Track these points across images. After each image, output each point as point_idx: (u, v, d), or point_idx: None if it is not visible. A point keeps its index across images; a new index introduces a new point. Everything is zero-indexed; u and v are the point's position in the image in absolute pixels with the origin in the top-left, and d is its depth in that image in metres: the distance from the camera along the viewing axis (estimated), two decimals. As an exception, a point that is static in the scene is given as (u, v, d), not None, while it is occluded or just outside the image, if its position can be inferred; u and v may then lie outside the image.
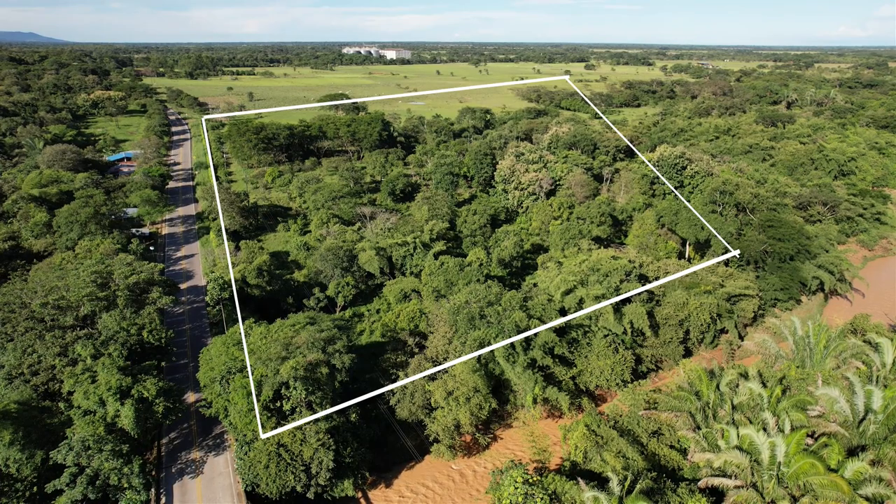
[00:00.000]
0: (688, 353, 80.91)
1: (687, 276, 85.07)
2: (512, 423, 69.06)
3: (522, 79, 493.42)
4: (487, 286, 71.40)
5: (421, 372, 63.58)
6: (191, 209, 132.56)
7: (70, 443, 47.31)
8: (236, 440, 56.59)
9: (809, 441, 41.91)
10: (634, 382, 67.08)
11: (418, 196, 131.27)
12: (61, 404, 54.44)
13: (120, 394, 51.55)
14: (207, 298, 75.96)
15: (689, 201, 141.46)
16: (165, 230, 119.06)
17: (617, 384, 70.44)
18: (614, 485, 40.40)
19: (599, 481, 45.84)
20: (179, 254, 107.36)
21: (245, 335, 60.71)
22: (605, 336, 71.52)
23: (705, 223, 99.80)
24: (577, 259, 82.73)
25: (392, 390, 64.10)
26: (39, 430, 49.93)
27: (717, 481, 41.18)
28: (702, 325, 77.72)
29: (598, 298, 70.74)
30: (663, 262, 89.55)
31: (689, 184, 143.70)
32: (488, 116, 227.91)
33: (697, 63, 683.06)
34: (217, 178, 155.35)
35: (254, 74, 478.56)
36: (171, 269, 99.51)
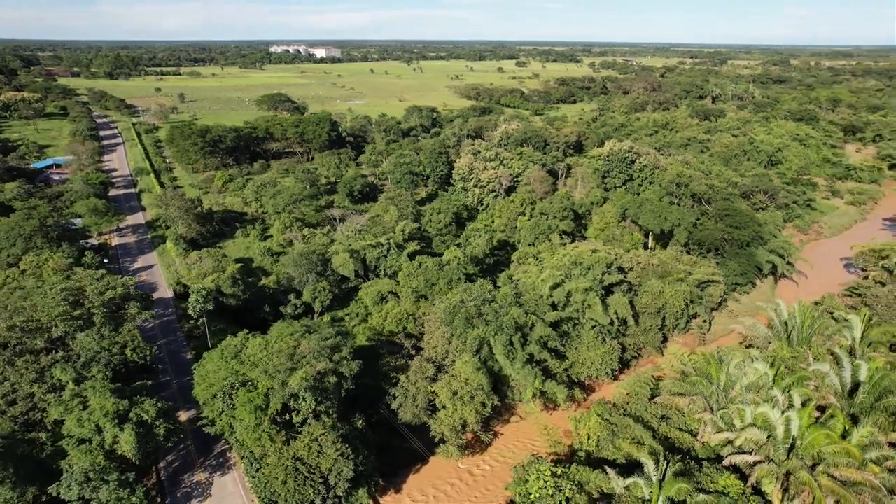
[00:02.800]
0: (664, 340, 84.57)
1: (657, 265, 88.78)
2: (509, 418, 69.91)
3: (457, 77, 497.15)
4: (481, 284, 71.71)
5: (423, 374, 63.08)
6: (139, 217, 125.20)
7: (72, 475, 43.75)
8: (242, 458, 54.30)
9: (816, 414, 44.95)
10: (641, 369, 69.15)
11: (382, 196, 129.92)
12: (42, 434, 50.37)
13: (118, 418, 48.23)
14: (191, 311, 71.94)
15: (639, 193, 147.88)
16: (115, 241, 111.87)
17: (606, 373, 72.77)
18: (650, 470, 41.74)
19: (622, 468, 47.21)
20: (136, 265, 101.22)
21: (241, 347, 58.15)
22: (593, 327, 73.56)
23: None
24: (558, 253, 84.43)
25: (393, 394, 63.31)
26: (28, 464, 45.91)
27: (738, 458, 43.44)
28: (677, 311, 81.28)
29: (586, 291, 72.60)
30: (633, 252, 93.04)
31: (639, 177, 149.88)
32: (434, 114, 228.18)
33: (622, 60, 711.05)
34: (161, 183, 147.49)
35: (180, 75, 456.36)
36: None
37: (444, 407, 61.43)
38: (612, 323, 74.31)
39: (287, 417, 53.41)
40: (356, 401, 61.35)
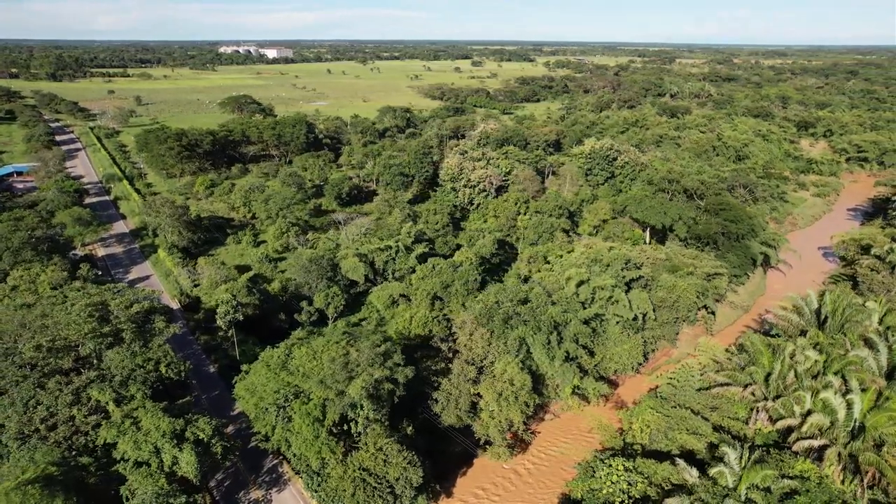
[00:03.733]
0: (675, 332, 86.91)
1: (664, 259, 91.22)
2: (543, 416, 70.47)
3: (417, 76, 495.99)
4: (515, 284, 71.85)
5: (465, 376, 62.76)
6: (121, 226, 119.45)
7: (142, 501, 41.46)
8: (298, 472, 52.68)
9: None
10: (690, 362, 70.56)
11: (377, 198, 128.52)
12: (84, 458, 47.57)
13: (175, 438, 46.02)
14: (220, 322, 69.11)
15: (621, 191, 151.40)
16: (100, 252, 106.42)
17: (632, 367, 74.41)
18: (732, 458, 42.85)
19: (690, 460, 48.33)
20: (130, 276, 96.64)
21: (286, 357, 56.39)
22: (617, 323, 74.97)
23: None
24: (575, 251, 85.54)
25: (435, 397, 62.76)
26: (87, 492, 43.25)
27: (805, 444, 45.18)
28: (689, 304, 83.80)
29: (612, 288, 73.88)
30: (639, 248, 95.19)
31: (620, 174, 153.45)
32: (408, 115, 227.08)
33: (576, 59, 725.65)
34: (137, 190, 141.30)
35: (129, 76, 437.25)
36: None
37: (490, 408, 61.45)
38: (635, 318, 75.84)
39: (344, 428, 52.18)
40: (409, 406, 60.48)
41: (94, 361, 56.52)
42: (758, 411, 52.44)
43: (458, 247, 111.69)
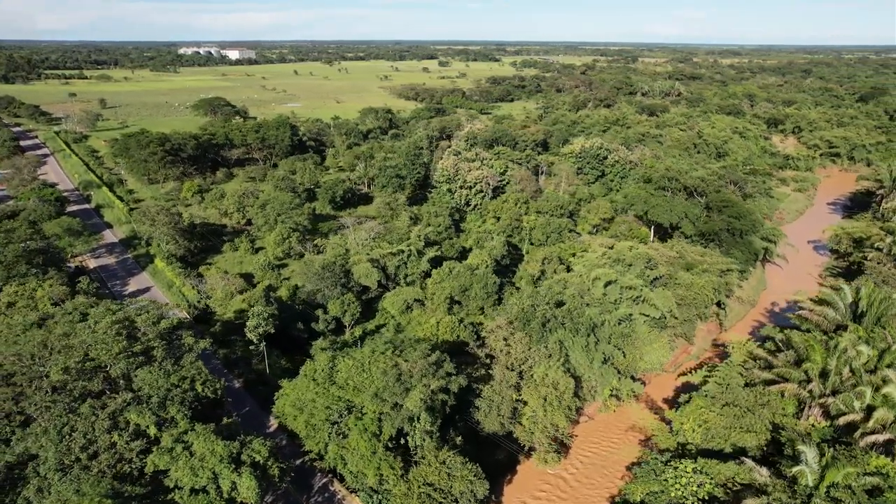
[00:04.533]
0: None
1: (676, 257, 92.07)
2: (578, 419, 69.88)
3: (386, 77, 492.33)
4: (549, 286, 70.98)
5: (507, 382, 61.53)
6: (108, 236, 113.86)
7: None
8: (352, 490, 50.52)
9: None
10: (732, 359, 70.56)
11: (377, 201, 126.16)
12: (135, 488, 44.52)
13: (232, 462, 43.45)
14: (250, 335, 65.93)
15: (612, 189, 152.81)
16: (92, 263, 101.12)
17: (660, 366, 74.65)
18: (810, 457, 42.83)
19: (730, 457, 48.36)
20: (129, 288, 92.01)
21: (331, 370, 54.09)
22: (644, 322, 75.06)
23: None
24: (595, 251, 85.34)
25: (477, 405, 61.37)
26: (143, 524, 40.41)
27: (871, 439, 45.63)
28: (707, 301, 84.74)
29: (641, 288, 73.86)
30: (650, 246, 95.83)
31: (610, 172, 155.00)
32: (390, 116, 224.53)
33: (542, 59, 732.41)
34: (120, 198, 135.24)
35: (86, 78, 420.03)
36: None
37: (534, 414, 60.46)
38: (663, 316, 76.07)
39: (400, 442, 50.35)
40: (455, 415, 58.94)
41: (122, 382, 53.14)
42: (810, 407, 52.93)
43: (465, 249, 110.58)
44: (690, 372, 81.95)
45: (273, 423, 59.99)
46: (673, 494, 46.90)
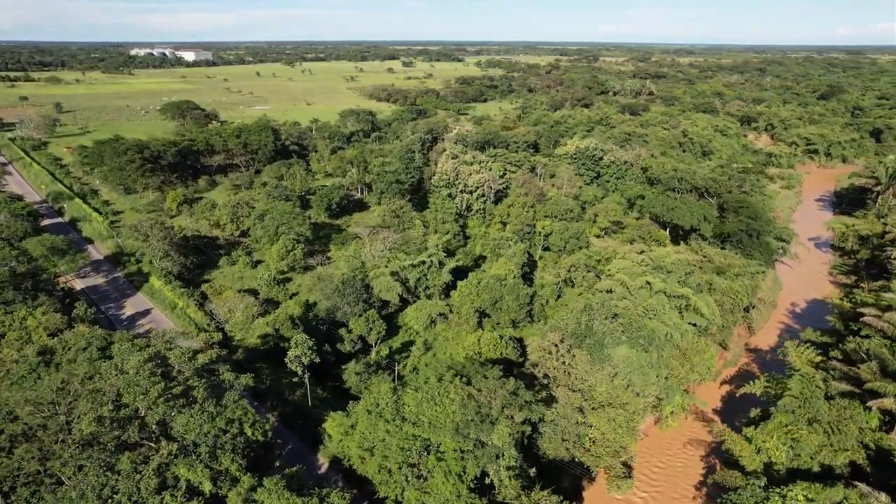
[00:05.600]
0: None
1: (704, 261, 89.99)
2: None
3: (352, 78, 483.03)
4: (603, 299, 67.16)
5: (571, 404, 57.48)
6: (91, 252, 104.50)
7: None
8: (433, 537, 45.44)
9: None
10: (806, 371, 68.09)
11: (379, 208, 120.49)
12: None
13: (313, 520, 37.96)
14: (293, 366, 59.50)
15: (609, 191, 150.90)
16: (78, 284, 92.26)
17: (710, 375, 72.07)
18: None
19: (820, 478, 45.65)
20: (126, 312, 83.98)
21: (396, 403, 48.80)
22: (692, 332, 72.22)
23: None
24: (631, 257, 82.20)
25: (541, 431, 57.07)
26: None
27: None
28: (741, 305, 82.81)
29: (688, 296, 71.00)
30: (675, 249, 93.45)
31: (606, 173, 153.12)
32: (372, 118, 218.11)
33: (504, 59, 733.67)
34: (97, 210, 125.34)
35: (35, 80, 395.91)
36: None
37: (603, 436, 56.63)
38: (710, 324, 73.45)
39: (486, 481, 45.61)
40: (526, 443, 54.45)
41: (156, 429, 46.59)
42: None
43: (480, 257, 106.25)
44: (731, 380, 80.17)
45: (322, 462, 54.30)
46: (782, 525, 43.69)
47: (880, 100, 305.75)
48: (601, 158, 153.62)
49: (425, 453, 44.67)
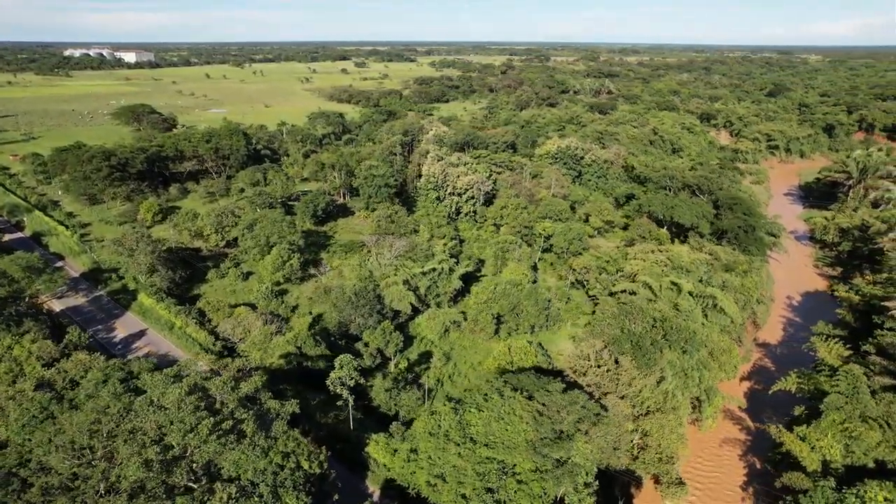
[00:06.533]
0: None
1: (714, 258, 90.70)
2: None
3: (307, 79, 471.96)
4: (641, 304, 65.97)
5: (621, 412, 55.98)
6: (66, 270, 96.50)
7: None
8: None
9: None
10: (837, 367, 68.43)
11: (374, 213, 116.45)
12: None
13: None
14: (339, 390, 55.34)
15: (593, 189, 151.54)
16: (57, 305, 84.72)
17: (734, 372, 72.37)
18: None
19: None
20: (119, 335, 77.46)
21: (453, 425, 45.93)
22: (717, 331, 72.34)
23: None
24: (649, 258, 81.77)
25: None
26: None
27: None
28: (752, 300, 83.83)
29: (714, 296, 70.95)
30: (685, 248, 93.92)
31: (587, 172, 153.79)
32: (342, 120, 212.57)
33: (458, 59, 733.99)
34: (62, 223, 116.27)
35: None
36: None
37: (657, 444, 55.46)
38: (732, 322, 73.73)
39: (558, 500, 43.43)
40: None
41: (192, 466, 42.15)
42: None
43: (480, 261, 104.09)
44: (748, 377, 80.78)
45: (373, 490, 50.88)
46: (862, 526, 43.40)
47: (822, 97, 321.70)
48: (582, 158, 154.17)
49: (503, 476, 42.09)
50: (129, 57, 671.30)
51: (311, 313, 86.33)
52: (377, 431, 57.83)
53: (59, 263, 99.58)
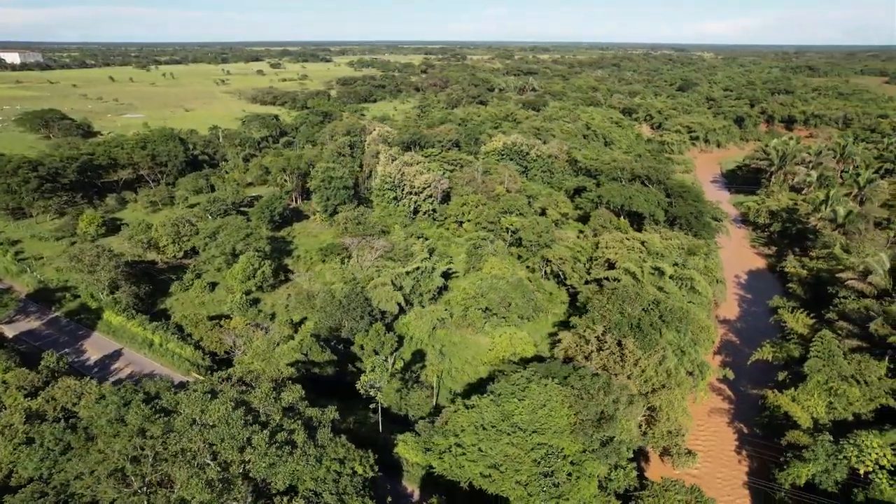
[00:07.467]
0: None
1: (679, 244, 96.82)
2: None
3: (223, 81, 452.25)
4: (637, 289, 69.33)
5: (635, 405, 58.79)
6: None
7: None
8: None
9: None
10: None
11: (339, 216, 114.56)
12: None
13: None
14: (369, 392, 54.26)
15: (546, 184, 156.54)
16: (8, 331, 77.27)
17: (712, 346, 78.04)
18: None
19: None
20: (92, 357, 71.90)
21: (495, 415, 46.87)
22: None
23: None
24: (627, 244, 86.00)
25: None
26: None
27: None
28: (715, 280, 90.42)
29: (692, 278, 76.03)
30: (652, 235, 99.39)
31: (533, 167, 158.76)
32: (278, 122, 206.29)
33: (375, 58, 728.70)
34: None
35: None
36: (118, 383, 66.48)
37: (667, 418, 59.03)
38: (706, 301, 79.22)
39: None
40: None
41: (243, 482, 40.65)
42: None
43: (449, 258, 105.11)
44: (719, 350, 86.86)
45: (412, 490, 50.89)
46: (862, 470, 48.68)
47: (726, 90, 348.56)
48: (528, 153, 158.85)
49: (557, 460, 43.52)
50: (12, 57, 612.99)
51: (291, 321, 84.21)
52: (393, 433, 57.85)
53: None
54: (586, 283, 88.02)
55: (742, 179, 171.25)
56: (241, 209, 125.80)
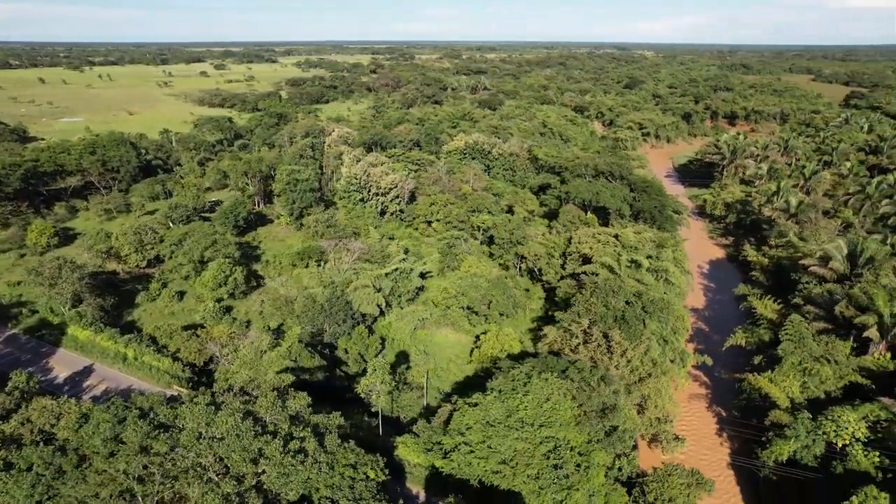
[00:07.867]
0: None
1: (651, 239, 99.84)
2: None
3: (166, 83, 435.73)
4: (615, 282, 70.95)
5: (630, 396, 60.40)
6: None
7: None
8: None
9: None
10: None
11: (309, 218, 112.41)
12: None
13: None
14: (370, 396, 53.28)
15: (511, 180, 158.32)
16: (-35, 352, 72.37)
17: (686, 334, 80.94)
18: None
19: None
20: (60, 374, 68.07)
21: (500, 413, 47.17)
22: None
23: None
24: (601, 239, 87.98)
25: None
26: None
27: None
28: (684, 271, 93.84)
29: (667, 270, 78.66)
30: (625, 230, 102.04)
31: (495, 165, 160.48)
32: (231, 125, 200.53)
33: (321, 59, 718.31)
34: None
35: None
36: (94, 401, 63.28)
37: (656, 406, 60.92)
38: (680, 292, 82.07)
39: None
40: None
41: (251, 492, 39.59)
42: (876, 345, 62.68)
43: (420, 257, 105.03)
44: (690, 339, 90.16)
45: (417, 491, 50.66)
46: (840, 443, 51.81)
47: (670, 88, 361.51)
48: (490, 152, 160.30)
49: (566, 452, 44.26)
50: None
51: (268, 327, 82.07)
52: (390, 435, 57.48)
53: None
54: (562, 278, 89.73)
55: (694, 173, 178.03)
56: (203, 215, 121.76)
